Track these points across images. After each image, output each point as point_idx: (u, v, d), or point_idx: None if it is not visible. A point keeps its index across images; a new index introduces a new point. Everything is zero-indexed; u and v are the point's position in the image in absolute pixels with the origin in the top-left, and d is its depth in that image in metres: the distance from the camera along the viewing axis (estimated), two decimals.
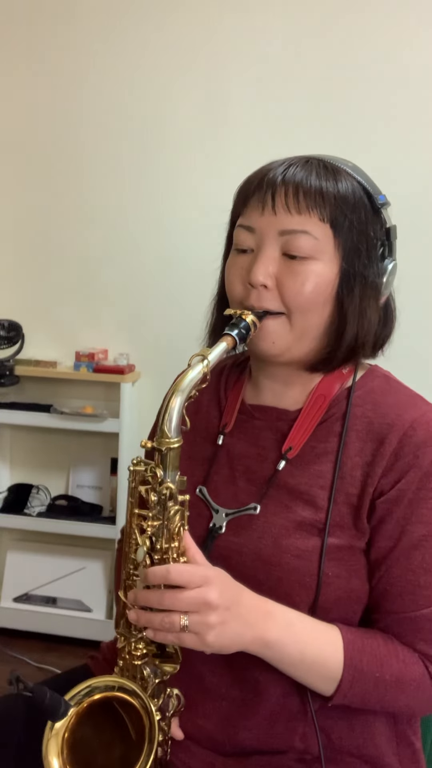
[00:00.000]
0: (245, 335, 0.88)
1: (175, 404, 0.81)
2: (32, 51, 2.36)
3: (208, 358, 0.83)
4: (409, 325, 1.05)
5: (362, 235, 0.92)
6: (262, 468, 0.96)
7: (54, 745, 0.81)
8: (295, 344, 0.93)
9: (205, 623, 0.78)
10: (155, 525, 0.82)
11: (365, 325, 0.93)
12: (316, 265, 0.90)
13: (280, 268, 0.91)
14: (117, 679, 0.86)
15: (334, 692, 0.85)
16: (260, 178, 0.92)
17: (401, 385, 0.99)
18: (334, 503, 0.90)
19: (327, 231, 0.90)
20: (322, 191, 0.89)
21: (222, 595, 0.79)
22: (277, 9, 2.17)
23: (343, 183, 0.91)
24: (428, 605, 0.87)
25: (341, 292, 0.91)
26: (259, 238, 0.92)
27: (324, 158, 0.94)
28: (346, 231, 0.91)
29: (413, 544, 0.88)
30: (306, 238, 0.89)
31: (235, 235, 0.95)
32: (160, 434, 0.81)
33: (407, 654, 0.87)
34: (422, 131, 2.14)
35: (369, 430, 0.92)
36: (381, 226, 0.95)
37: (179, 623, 0.78)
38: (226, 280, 0.97)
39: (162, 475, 0.81)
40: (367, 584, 0.91)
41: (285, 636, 0.84)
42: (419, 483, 0.88)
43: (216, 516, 0.96)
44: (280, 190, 0.89)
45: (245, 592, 0.84)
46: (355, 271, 0.91)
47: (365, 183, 0.93)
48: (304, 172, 0.90)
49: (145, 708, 0.83)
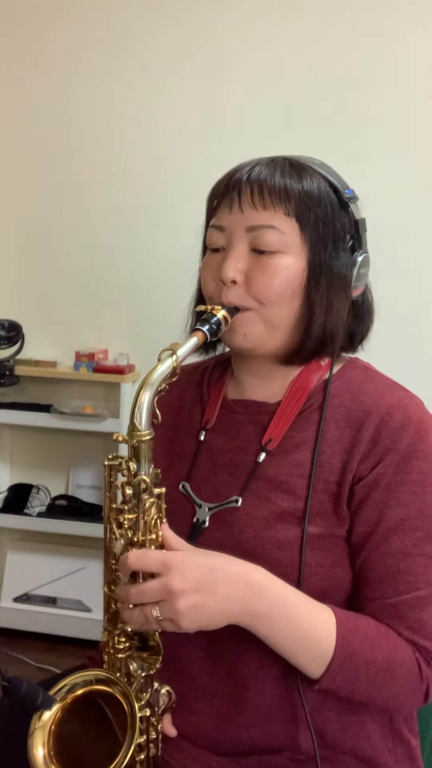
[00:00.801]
0: (216, 330, 0.90)
1: (145, 398, 0.83)
2: (27, 51, 2.36)
3: (177, 353, 0.86)
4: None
5: (328, 227, 0.94)
6: (243, 461, 0.97)
7: (40, 736, 0.82)
8: (267, 337, 0.95)
9: (174, 610, 0.79)
10: (131, 518, 0.83)
11: (333, 316, 0.95)
12: (284, 258, 0.92)
13: (250, 263, 0.93)
14: (93, 671, 0.87)
15: (323, 672, 0.85)
16: (228, 180, 0.96)
17: (380, 374, 1.01)
18: (314, 491, 0.91)
19: (293, 225, 0.92)
20: (286, 187, 0.92)
21: (186, 579, 0.79)
22: (278, 9, 2.17)
23: (307, 179, 0.94)
24: (409, 591, 0.87)
25: (309, 285, 0.93)
26: (228, 236, 0.95)
27: (290, 157, 0.97)
28: (311, 224, 0.93)
29: (391, 528, 0.88)
30: (272, 232, 0.92)
31: (208, 235, 0.99)
32: (131, 428, 0.83)
33: (397, 638, 0.87)
34: (422, 131, 2.13)
35: (347, 418, 0.93)
36: (349, 219, 0.97)
37: (152, 615, 0.79)
38: (201, 278, 1.01)
39: (135, 468, 0.83)
40: (350, 573, 0.92)
41: (276, 611, 0.84)
42: (396, 467, 0.89)
43: (199, 511, 0.97)
44: (246, 189, 0.93)
45: (225, 566, 0.84)
46: (321, 262, 0.93)
47: (331, 178, 0.96)
48: (268, 171, 0.93)
49: (125, 694, 0.83)
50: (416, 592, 0.87)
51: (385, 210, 1.99)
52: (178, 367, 0.85)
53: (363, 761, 0.93)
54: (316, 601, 0.87)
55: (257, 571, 0.85)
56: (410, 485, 0.89)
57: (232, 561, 0.85)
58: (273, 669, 0.90)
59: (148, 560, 0.81)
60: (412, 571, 0.88)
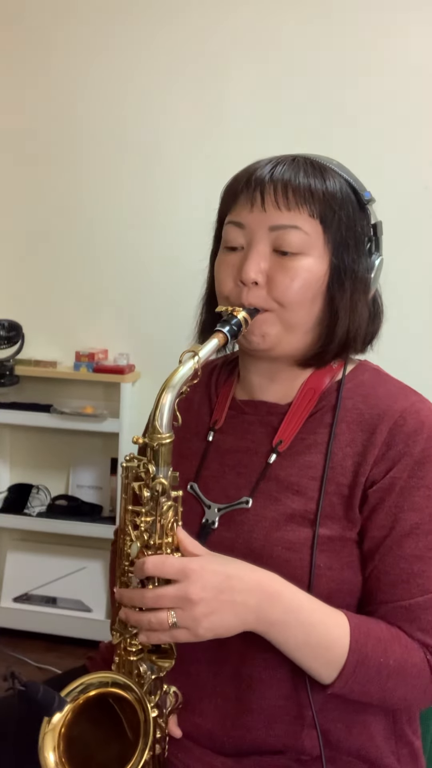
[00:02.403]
0: (237, 332, 0.89)
1: (166, 400, 0.82)
2: (30, 53, 2.37)
3: (198, 354, 0.84)
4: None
5: (350, 230, 0.93)
6: (252, 462, 0.97)
7: (50, 739, 0.82)
8: (285, 339, 0.94)
9: (191, 617, 0.79)
10: (148, 521, 0.82)
11: (357, 319, 0.94)
12: (306, 260, 0.91)
13: (271, 264, 0.92)
14: (110, 674, 0.86)
15: (336, 677, 0.84)
16: (248, 177, 0.93)
17: (391, 377, 1.00)
18: (325, 494, 0.91)
19: (317, 226, 0.91)
20: (311, 188, 0.91)
21: (205, 587, 0.79)
22: (278, 9, 2.18)
23: (330, 180, 0.93)
24: (422, 593, 0.87)
25: (332, 287, 0.93)
26: (249, 235, 0.93)
27: (310, 156, 0.95)
28: (335, 226, 0.92)
29: (406, 532, 0.88)
30: (296, 233, 0.90)
31: (225, 232, 0.96)
32: (151, 430, 0.82)
33: (408, 640, 0.87)
34: (423, 131, 2.14)
35: (360, 421, 0.93)
36: (368, 222, 0.96)
37: (167, 621, 0.79)
38: (216, 277, 0.98)
39: (154, 470, 0.82)
40: (360, 576, 0.91)
41: (291, 617, 0.83)
42: (411, 471, 0.89)
43: (208, 511, 0.96)
44: (269, 188, 0.91)
45: (242, 574, 0.83)
46: (345, 266, 0.93)
47: (351, 180, 0.95)
48: (291, 170, 0.91)
49: (139, 701, 0.83)
50: (429, 594, 0.87)
51: (386, 210, 1.99)
52: (200, 369, 0.84)
53: (367, 762, 0.93)
54: (329, 607, 0.87)
55: (272, 578, 0.84)
56: (424, 489, 0.89)
57: (248, 568, 0.84)
58: (279, 671, 0.90)
59: (166, 567, 0.80)
60: (425, 574, 0.88)
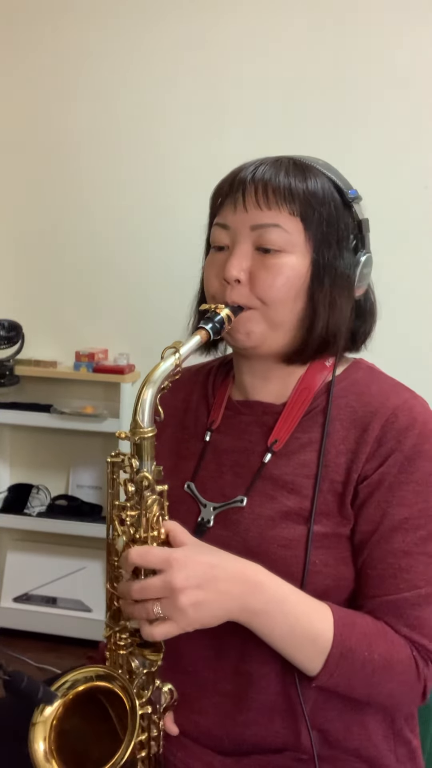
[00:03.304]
0: (219, 329, 0.91)
1: (147, 395, 0.84)
2: (29, 52, 2.37)
3: (180, 351, 0.86)
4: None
5: (332, 227, 0.95)
6: (249, 461, 0.98)
7: (41, 730, 0.83)
8: (269, 336, 0.95)
9: (175, 607, 0.79)
10: (133, 515, 0.83)
11: (336, 315, 0.96)
12: (288, 258, 0.93)
13: (254, 262, 0.94)
14: (93, 668, 0.87)
15: (320, 670, 0.85)
16: (232, 179, 0.96)
17: (385, 375, 1.01)
18: (319, 491, 0.92)
19: (297, 224, 0.93)
20: (290, 187, 0.93)
21: (189, 576, 0.80)
22: (278, 9, 2.18)
23: (312, 179, 0.94)
24: (409, 589, 0.88)
25: (313, 284, 0.94)
26: (233, 235, 0.95)
27: (294, 157, 0.97)
28: (315, 224, 0.94)
29: (394, 527, 0.89)
30: (277, 231, 0.92)
31: (212, 233, 0.99)
32: (134, 425, 0.84)
33: (395, 636, 0.88)
34: (423, 131, 2.14)
35: (353, 419, 0.94)
36: (352, 219, 0.98)
37: (153, 612, 0.79)
38: (204, 277, 1.01)
39: (138, 465, 0.83)
40: (355, 572, 0.92)
41: (274, 608, 0.84)
42: (400, 467, 0.90)
43: (204, 510, 0.98)
44: (250, 188, 0.93)
45: (226, 564, 0.84)
46: (326, 262, 0.94)
47: (335, 178, 0.97)
48: (272, 171, 0.93)
49: (124, 688, 0.83)
50: (416, 590, 0.88)
51: (386, 210, 1.99)
52: (181, 364, 0.85)
53: (365, 761, 0.93)
54: (314, 599, 0.87)
55: (256, 568, 0.85)
56: (414, 485, 0.89)
57: (232, 558, 0.85)
58: (275, 666, 0.90)
59: (149, 557, 0.81)
60: (413, 569, 0.88)
